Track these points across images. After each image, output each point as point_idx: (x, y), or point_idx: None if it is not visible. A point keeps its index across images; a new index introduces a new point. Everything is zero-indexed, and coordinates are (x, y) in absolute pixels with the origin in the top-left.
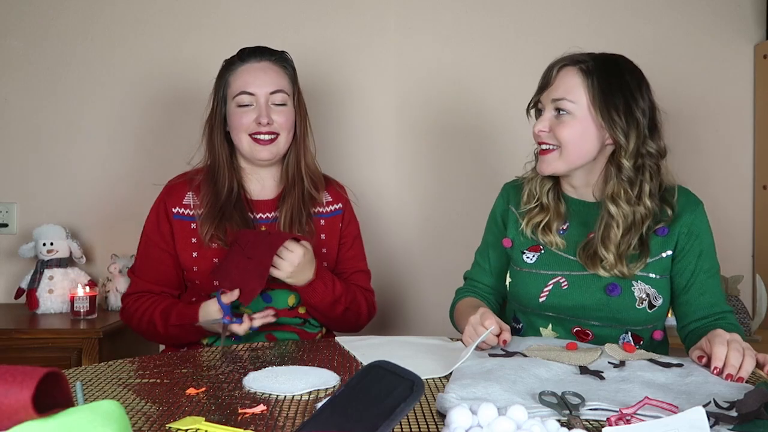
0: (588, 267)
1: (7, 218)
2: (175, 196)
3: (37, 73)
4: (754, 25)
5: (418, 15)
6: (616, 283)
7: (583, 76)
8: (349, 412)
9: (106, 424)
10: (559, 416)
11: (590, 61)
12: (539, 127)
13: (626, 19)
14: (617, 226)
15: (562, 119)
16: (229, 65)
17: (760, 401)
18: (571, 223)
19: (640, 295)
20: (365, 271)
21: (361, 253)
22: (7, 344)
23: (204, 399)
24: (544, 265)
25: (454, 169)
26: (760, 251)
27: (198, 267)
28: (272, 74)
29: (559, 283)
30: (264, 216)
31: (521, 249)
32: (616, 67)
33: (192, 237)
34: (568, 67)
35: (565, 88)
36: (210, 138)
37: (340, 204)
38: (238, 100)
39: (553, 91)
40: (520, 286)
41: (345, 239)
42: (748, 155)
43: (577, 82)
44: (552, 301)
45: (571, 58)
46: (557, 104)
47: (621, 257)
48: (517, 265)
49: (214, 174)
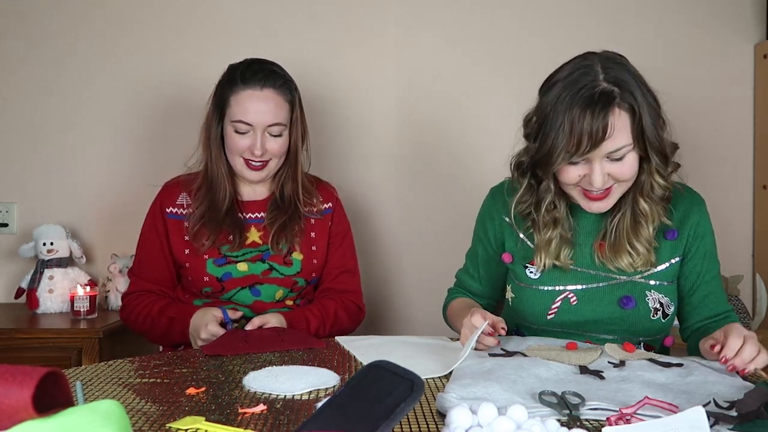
0: (611, 260)
1: (7, 218)
2: (170, 196)
3: (37, 73)
4: (754, 25)
5: (418, 15)
6: (630, 295)
7: (629, 115)
8: (349, 412)
9: (106, 424)
10: (559, 416)
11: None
12: (599, 183)
13: (626, 19)
14: (651, 221)
15: (619, 163)
16: (231, 82)
17: (760, 401)
18: (576, 234)
19: (654, 305)
20: (352, 271)
21: (350, 252)
22: (7, 344)
23: (204, 399)
24: (550, 281)
25: (454, 169)
26: (760, 251)
27: (190, 263)
28: (272, 105)
29: (567, 299)
30: (254, 216)
31: (523, 263)
32: (628, 72)
33: (184, 235)
34: (615, 111)
35: (620, 135)
36: (207, 148)
37: (330, 203)
38: (235, 125)
39: (609, 145)
40: (526, 304)
41: (333, 238)
42: (748, 155)
43: (626, 123)
44: (561, 318)
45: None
46: (613, 155)
47: (648, 250)
48: (519, 281)
49: (211, 185)
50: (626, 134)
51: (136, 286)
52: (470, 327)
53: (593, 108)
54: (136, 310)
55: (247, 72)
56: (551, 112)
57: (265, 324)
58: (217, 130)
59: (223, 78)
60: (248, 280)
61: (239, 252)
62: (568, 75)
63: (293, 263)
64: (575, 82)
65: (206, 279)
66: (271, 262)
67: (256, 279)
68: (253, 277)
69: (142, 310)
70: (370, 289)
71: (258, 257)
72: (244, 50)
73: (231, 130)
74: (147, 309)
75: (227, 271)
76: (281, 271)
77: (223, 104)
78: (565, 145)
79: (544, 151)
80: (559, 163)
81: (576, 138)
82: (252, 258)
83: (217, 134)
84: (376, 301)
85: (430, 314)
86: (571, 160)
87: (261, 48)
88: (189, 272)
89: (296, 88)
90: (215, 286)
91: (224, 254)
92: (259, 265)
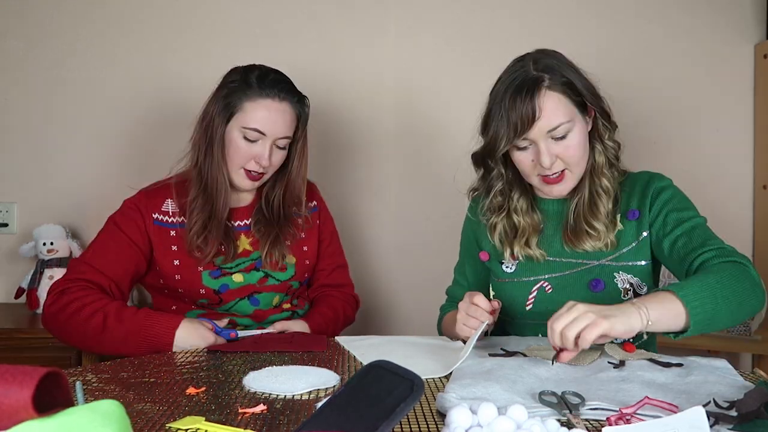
0: (574, 245)
1: (7, 218)
2: (154, 201)
3: (37, 73)
4: (754, 25)
5: (418, 15)
6: (599, 278)
7: (562, 95)
8: (349, 412)
9: (106, 424)
10: (559, 416)
11: (545, 72)
12: (547, 162)
13: (626, 19)
14: (607, 195)
15: (564, 142)
16: (246, 86)
17: (760, 401)
18: (546, 225)
19: (624, 285)
20: (344, 265)
21: (339, 247)
22: (7, 344)
23: (204, 399)
24: (525, 272)
25: (454, 169)
26: (760, 251)
27: (181, 275)
28: (288, 119)
29: (543, 288)
30: (242, 224)
31: (499, 260)
32: (557, 60)
33: (172, 245)
34: (543, 92)
35: (554, 114)
36: (207, 152)
37: (315, 202)
38: (247, 133)
39: (543, 124)
40: (505, 298)
41: (323, 236)
42: (748, 155)
43: (559, 103)
44: (539, 308)
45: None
46: (553, 133)
47: (608, 228)
48: (497, 277)
49: (210, 193)
50: (561, 113)
51: (84, 274)
52: (466, 309)
53: (522, 93)
54: (84, 300)
55: (265, 80)
56: (493, 106)
57: (286, 330)
58: (219, 133)
59: (232, 80)
60: (246, 290)
61: (233, 263)
62: (505, 72)
63: (287, 268)
64: (509, 77)
65: (203, 291)
66: (266, 269)
67: (253, 288)
68: (250, 287)
69: (93, 301)
70: (370, 289)
71: (251, 266)
72: (244, 50)
73: (238, 136)
74: (101, 303)
75: (224, 283)
76: (277, 278)
77: (233, 108)
78: (505, 130)
79: (490, 140)
80: (503, 147)
81: (512, 122)
82: (246, 268)
83: (221, 138)
84: (376, 301)
85: (430, 314)
86: (516, 144)
87: (261, 48)
88: (180, 284)
89: (308, 105)
90: (212, 298)
91: (219, 266)
92: (254, 274)
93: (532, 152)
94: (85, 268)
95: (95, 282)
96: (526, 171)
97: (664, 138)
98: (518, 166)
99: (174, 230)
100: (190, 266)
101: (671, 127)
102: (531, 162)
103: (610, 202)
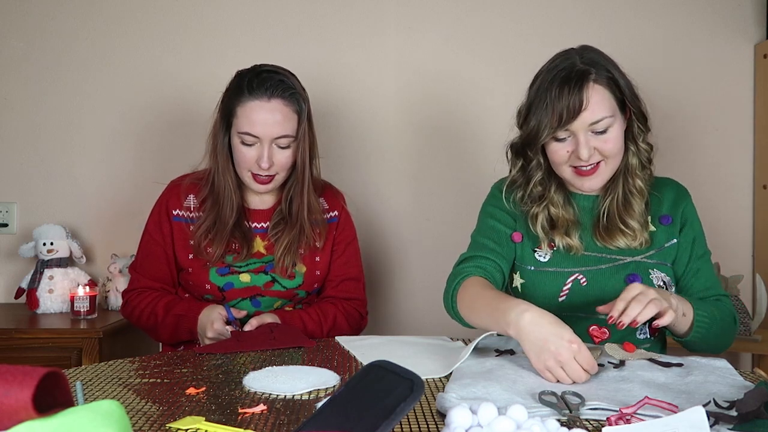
0: (606, 242)
1: (7, 218)
2: (176, 197)
3: (37, 73)
4: (754, 25)
5: (418, 15)
6: (635, 273)
7: (607, 89)
8: (349, 411)
9: (106, 424)
10: (559, 416)
11: (591, 66)
12: (585, 154)
13: (626, 19)
14: (640, 195)
15: (604, 136)
16: (238, 91)
17: (760, 401)
18: (581, 220)
19: (659, 283)
20: (356, 279)
21: (354, 259)
22: (7, 344)
23: (204, 399)
24: (560, 263)
25: (454, 169)
26: (760, 251)
27: (192, 268)
28: (279, 117)
29: (578, 280)
30: (259, 226)
31: (532, 247)
32: (601, 56)
33: (189, 239)
34: (590, 84)
35: (599, 107)
36: (214, 159)
37: (336, 212)
38: (242, 137)
39: (587, 116)
40: (538, 287)
41: (337, 246)
42: (748, 155)
43: (603, 96)
44: (572, 300)
45: (573, 74)
46: (595, 127)
47: (642, 227)
48: (528, 264)
49: (217, 197)
50: (605, 107)
51: (138, 282)
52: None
53: (570, 84)
54: (139, 307)
55: (254, 81)
56: (536, 98)
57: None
58: (224, 140)
59: (230, 86)
60: (250, 291)
61: (243, 263)
62: (550, 64)
63: (296, 276)
64: (555, 68)
65: (208, 287)
66: (274, 274)
67: (257, 291)
68: (254, 289)
69: (146, 307)
70: (370, 290)
71: (261, 269)
72: (244, 50)
73: (237, 142)
74: (151, 306)
75: (229, 281)
76: (283, 284)
77: (230, 114)
78: (549, 120)
79: (531, 129)
80: (545, 137)
81: (557, 112)
82: (255, 269)
83: (224, 145)
84: (376, 301)
85: (431, 314)
86: (556, 135)
87: (261, 48)
88: (191, 277)
89: (306, 99)
90: (216, 294)
91: (228, 264)
92: (262, 276)
93: (569, 144)
94: (134, 278)
95: (146, 287)
96: (560, 162)
97: (663, 138)
98: (551, 156)
99: (192, 225)
100: (201, 261)
101: (671, 127)
102: (566, 153)
103: (643, 202)
